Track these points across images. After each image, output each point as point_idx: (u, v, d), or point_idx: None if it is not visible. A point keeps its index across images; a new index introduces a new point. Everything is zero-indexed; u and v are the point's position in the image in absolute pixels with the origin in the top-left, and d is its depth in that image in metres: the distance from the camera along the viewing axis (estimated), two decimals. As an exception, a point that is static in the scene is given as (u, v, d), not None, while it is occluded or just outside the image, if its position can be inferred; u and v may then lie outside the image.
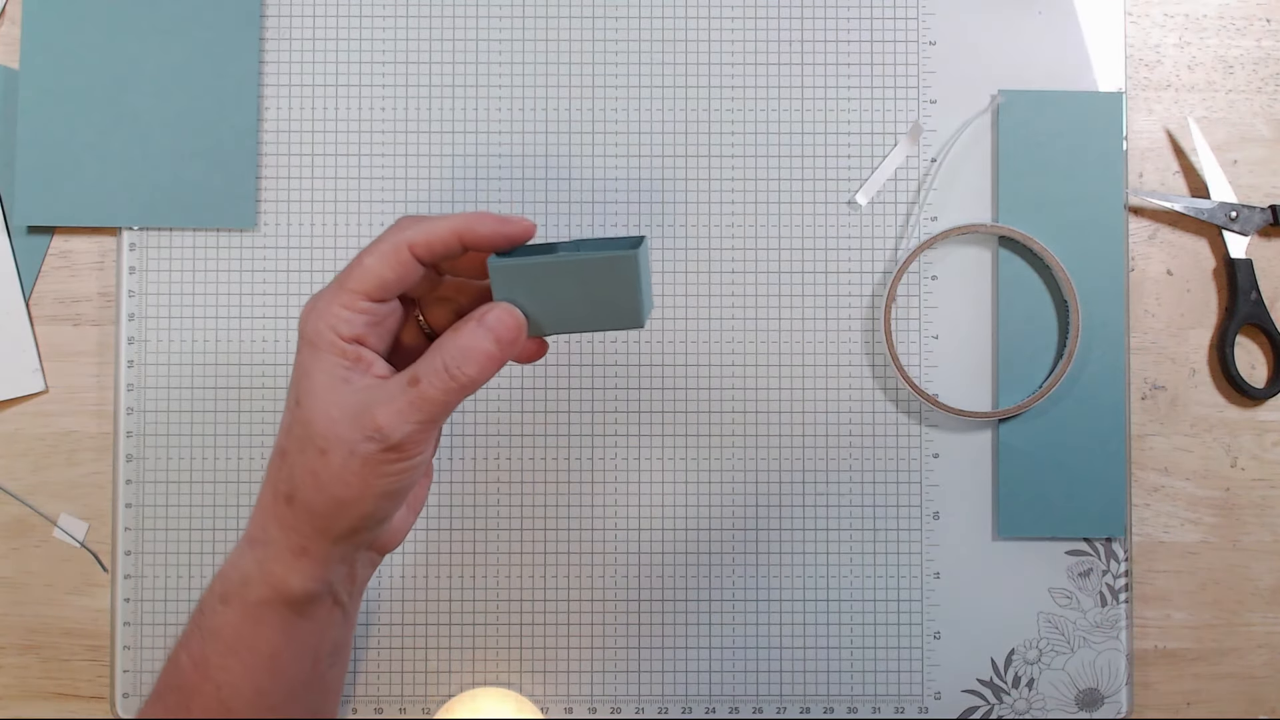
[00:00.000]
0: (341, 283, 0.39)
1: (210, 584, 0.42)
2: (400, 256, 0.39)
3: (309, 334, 0.39)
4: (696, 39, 0.57)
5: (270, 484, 0.40)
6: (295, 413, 0.39)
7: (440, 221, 0.39)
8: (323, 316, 0.39)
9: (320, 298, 0.39)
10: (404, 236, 0.39)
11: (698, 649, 0.55)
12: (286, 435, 0.40)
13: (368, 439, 0.38)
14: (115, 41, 0.56)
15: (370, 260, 0.39)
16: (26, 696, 0.55)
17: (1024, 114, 0.56)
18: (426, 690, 0.55)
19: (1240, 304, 0.56)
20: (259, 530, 0.41)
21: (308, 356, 0.39)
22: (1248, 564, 0.56)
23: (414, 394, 0.38)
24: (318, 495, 0.39)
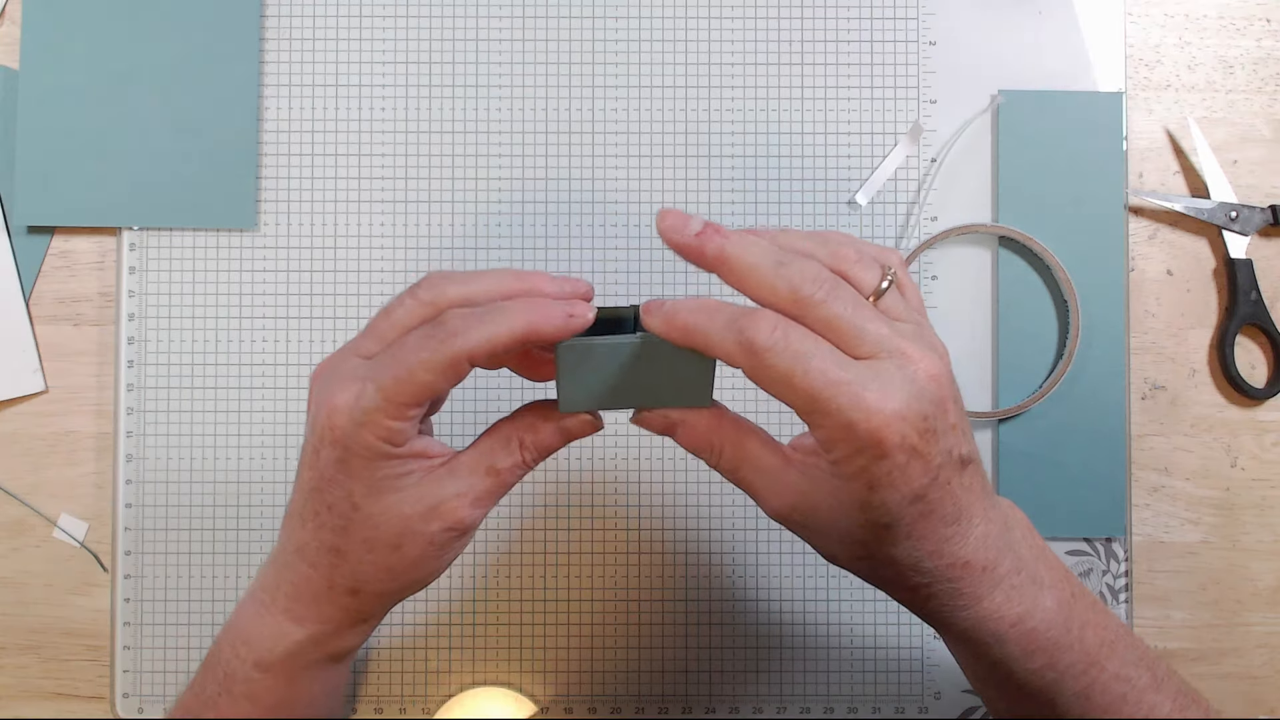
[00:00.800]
0: (389, 395, 0.35)
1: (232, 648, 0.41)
2: (458, 372, 0.35)
3: (359, 449, 0.36)
4: (696, 39, 0.57)
5: (323, 577, 0.38)
6: (353, 516, 0.37)
7: (501, 325, 0.35)
8: (373, 431, 0.35)
9: (362, 409, 0.35)
10: (463, 349, 0.35)
11: (698, 649, 0.55)
12: (341, 536, 0.37)
13: (447, 529, 0.38)
14: (115, 41, 0.56)
15: (425, 376, 0.35)
16: (26, 696, 0.55)
17: (1024, 114, 0.56)
18: (426, 690, 0.55)
19: (1240, 304, 0.56)
20: (310, 612, 0.39)
21: (359, 466, 0.36)
22: (1248, 564, 0.56)
23: (493, 483, 0.38)
24: (390, 583, 0.39)
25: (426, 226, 0.56)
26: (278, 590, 0.40)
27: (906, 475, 0.34)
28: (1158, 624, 0.56)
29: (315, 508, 0.38)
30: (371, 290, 0.56)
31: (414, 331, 0.36)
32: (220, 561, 0.55)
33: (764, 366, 0.33)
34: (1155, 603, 0.56)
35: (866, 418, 0.33)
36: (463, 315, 0.35)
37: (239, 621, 0.41)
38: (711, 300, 0.35)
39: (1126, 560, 0.56)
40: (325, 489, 0.37)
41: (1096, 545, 0.56)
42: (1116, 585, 0.56)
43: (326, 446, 0.36)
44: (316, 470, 0.37)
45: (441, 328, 0.35)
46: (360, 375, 0.36)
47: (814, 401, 0.33)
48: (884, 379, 0.33)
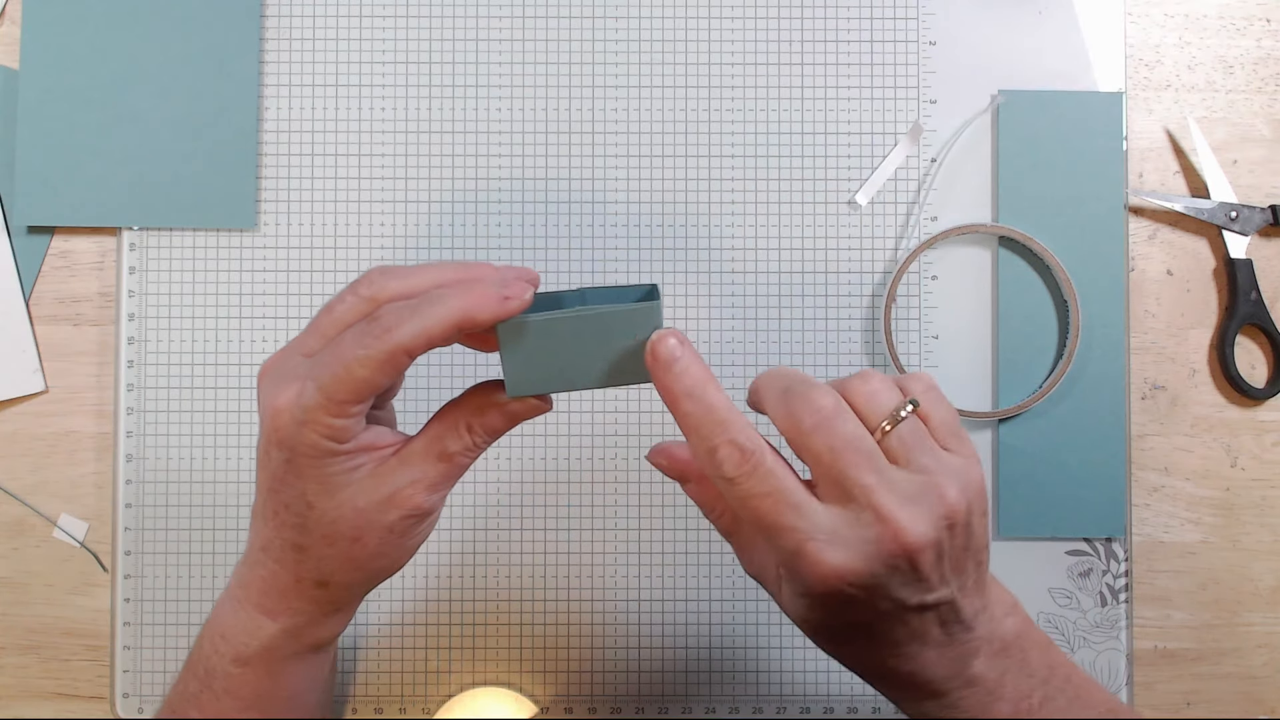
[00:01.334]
0: (328, 393, 0.35)
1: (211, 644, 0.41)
2: (395, 365, 0.35)
3: (304, 448, 0.36)
4: (696, 39, 0.57)
5: (289, 572, 0.39)
6: (309, 514, 0.37)
7: (433, 315, 0.35)
8: (315, 429, 0.35)
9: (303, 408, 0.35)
10: (399, 343, 0.34)
11: (698, 649, 0.55)
12: (300, 533, 0.38)
13: (405, 517, 0.38)
14: (115, 41, 0.56)
15: (361, 371, 0.35)
16: (26, 696, 0.55)
17: (1024, 114, 0.56)
18: (426, 690, 0.55)
19: (1240, 304, 0.56)
20: (280, 605, 0.39)
21: (307, 465, 0.36)
22: (1248, 564, 0.56)
23: (445, 467, 0.38)
24: (356, 574, 0.39)
25: (426, 226, 0.56)
26: (250, 586, 0.40)
27: (845, 610, 0.35)
28: (1158, 624, 0.56)
29: (274, 507, 0.38)
30: (371, 290, 0.56)
31: (352, 328, 0.36)
32: (220, 561, 0.55)
33: (731, 490, 0.35)
34: (1155, 603, 0.56)
35: (805, 566, 0.34)
36: (396, 309, 0.35)
37: (217, 618, 0.41)
38: (706, 393, 0.36)
39: (1126, 560, 0.56)
40: (279, 489, 0.37)
41: (1096, 545, 0.56)
42: (1116, 585, 0.56)
43: (274, 448, 0.36)
44: (269, 471, 0.37)
45: (376, 323, 0.35)
46: (300, 374, 0.36)
47: (766, 531, 0.35)
48: (840, 532, 0.34)
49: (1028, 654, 0.38)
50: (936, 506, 0.35)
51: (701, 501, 0.40)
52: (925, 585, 0.35)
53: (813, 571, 0.34)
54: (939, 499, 0.35)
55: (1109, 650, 0.55)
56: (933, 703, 0.38)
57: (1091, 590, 0.56)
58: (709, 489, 0.40)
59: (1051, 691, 0.38)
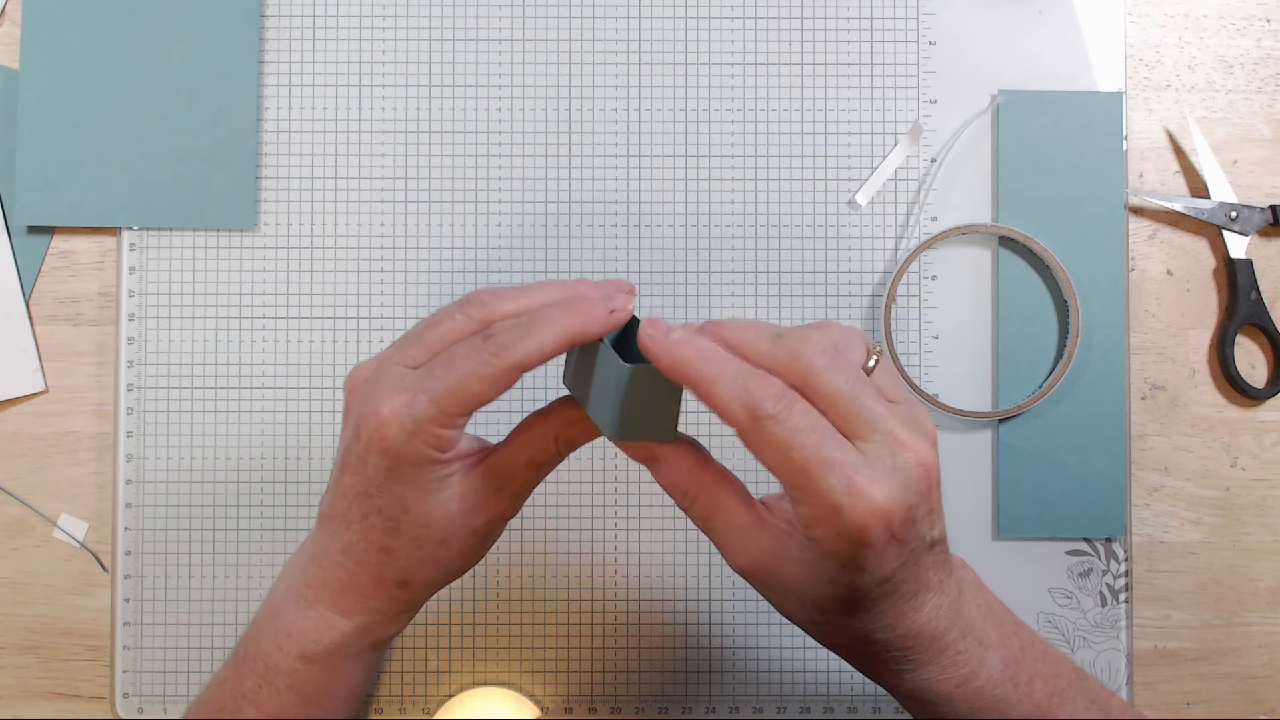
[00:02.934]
0: (441, 405, 0.36)
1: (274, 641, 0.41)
2: (510, 381, 0.36)
3: (408, 456, 0.36)
4: (696, 39, 0.57)
5: (371, 573, 0.39)
6: (404, 518, 0.38)
7: (547, 333, 0.35)
8: (423, 439, 0.36)
9: (414, 419, 0.36)
10: (514, 361, 0.35)
11: (698, 649, 0.55)
12: (391, 536, 0.38)
13: (490, 521, 0.39)
14: (115, 41, 0.56)
15: (477, 387, 0.35)
16: (26, 696, 0.55)
17: (1024, 114, 0.56)
18: (426, 690, 0.55)
19: (1240, 304, 0.56)
20: (357, 605, 0.40)
21: (409, 471, 0.37)
22: (1248, 564, 0.56)
23: (532, 476, 0.39)
24: (438, 574, 0.40)
25: (426, 226, 0.56)
26: (323, 587, 0.40)
27: (881, 560, 0.34)
28: (1158, 624, 0.56)
29: (363, 510, 0.38)
30: (371, 290, 0.56)
31: (463, 343, 0.37)
32: (220, 561, 0.55)
33: (763, 433, 0.33)
34: (1155, 603, 0.56)
35: (854, 504, 0.33)
36: (510, 327, 0.36)
37: (280, 617, 0.41)
38: (718, 349, 0.35)
39: (1126, 560, 0.56)
40: (374, 494, 0.38)
41: (1096, 545, 0.56)
42: (1116, 585, 0.56)
43: (375, 455, 0.37)
44: (363, 476, 0.37)
45: (493, 340, 0.36)
46: (409, 386, 0.36)
47: (805, 478, 0.33)
48: (875, 465, 0.33)
49: (993, 604, 0.40)
50: (929, 434, 0.36)
51: (674, 484, 0.38)
52: (934, 515, 0.35)
53: (863, 509, 0.33)
54: (926, 427, 0.36)
55: (1109, 650, 0.55)
56: (933, 666, 0.37)
57: (1091, 590, 0.56)
58: (681, 465, 0.38)
59: (1025, 643, 0.39)
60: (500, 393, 0.36)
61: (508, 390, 0.36)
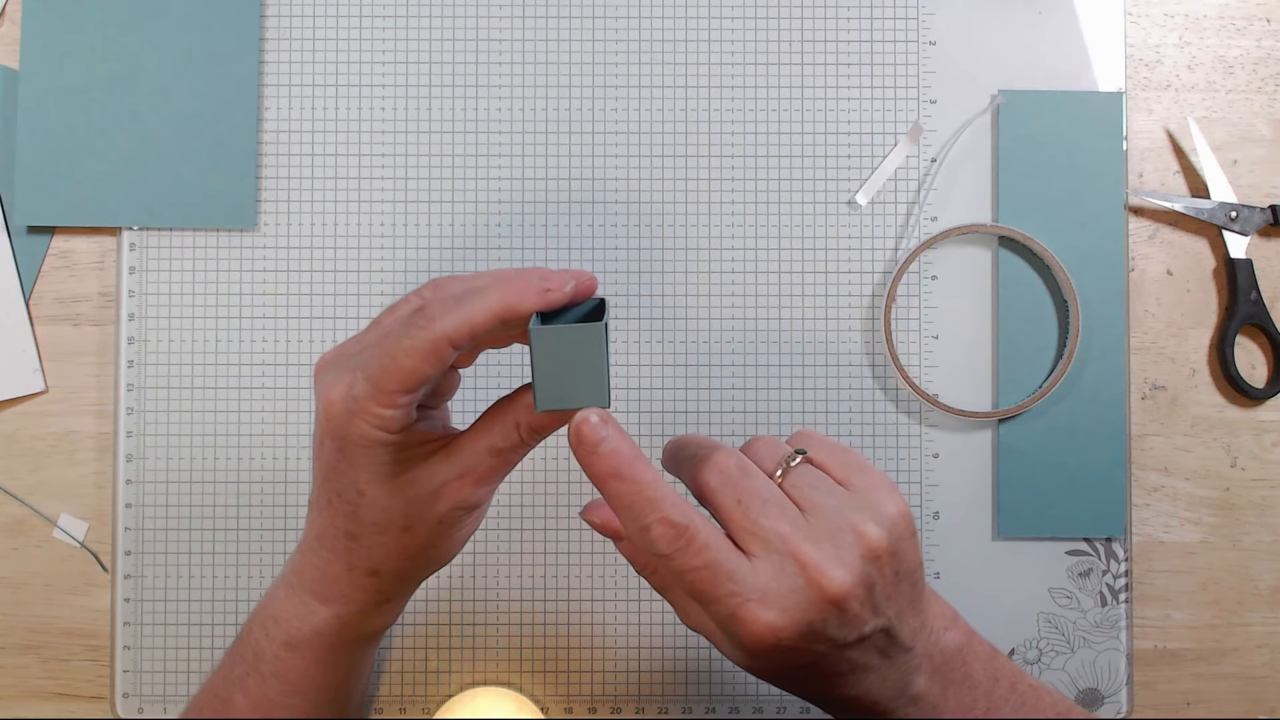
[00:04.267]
0: (376, 382, 0.36)
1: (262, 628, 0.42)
2: (439, 355, 0.36)
3: (354, 437, 0.37)
4: (696, 39, 0.57)
5: (342, 560, 0.40)
6: (360, 502, 0.38)
7: (476, 306, 0.36)
8: (365, 419, 0.36)
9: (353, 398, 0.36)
10: (441, 332, 0.35)
11: (698, 649, 0.55)
12: (352, 520, 0.38)
13: (454, 509, 0.39)
14: (115, 41, 0.55)
15: (407, 361, 0.36)
16: (26, 696, 0.55)
17: (1024, 114, 0.56)
18: (426, 690, 0.55)
19: (1240, 304, 0.56)
20: (333, 592, 0.40)
21: (359, 454, 0.37)
22: (1248, 564, 0.56)
23: (495, 463, 0.39)
24: (406, 563, 0.40)
25: (426, 226, 0.56)
26: (303, 573, 0.41)
27: (788, 658, 0.35)
28: (1158, 624, 0.56)
29: (327, 495, 0.39)
30: (371, 290, 0.56)
31: (398, 319, 0.37)
32: (220, 561, 0.55)
33: (662, 569, 0.37)
34: (1155, 603, 0.56)
35: (743, 629, 0.34)
36: (441, 300, 0.37)
37: (269, 603, 0.42)
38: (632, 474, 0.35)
39: (1126, 560, 0.56)
40: (332, 478, 0.38)
41: (1096, 545, 0.56)
42: (1116, 585, 0.56)
43: (327, 438, 0.38)
44: (322, 460, 0.38)
45: (421, 314, 0.36)
46: (352, 366, 0.37)
47: (702, 601, 0.35)
48: (769, 586, 0.34)
49: (970, 666, 0.39)
50: (855, 545, 0.35)
51: (634, 560, 0.40)
52: (858, 622, 0.35)
53: (749, 632, 0.34)
54: (856, 537, 0.35)
55: (1109, 650, 0.55)
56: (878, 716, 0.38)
57: (1091, 590, 0.56)
58: (640, 549, 0.39)
59: (996, 701, 0.39)
60: (435, 368, 0.36)
61: (441, 366, 0.36)
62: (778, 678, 0.37)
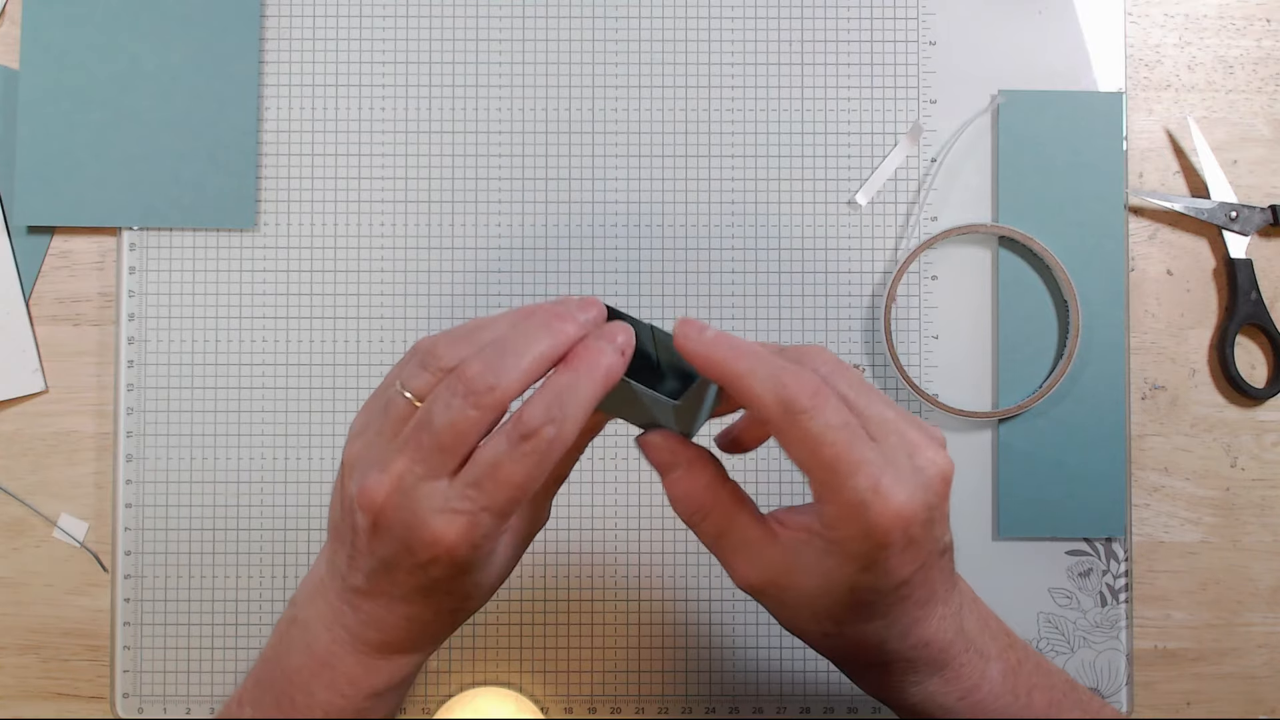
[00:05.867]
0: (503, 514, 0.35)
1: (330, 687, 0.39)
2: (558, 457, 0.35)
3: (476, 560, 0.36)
4: (696, 39, 0.57)
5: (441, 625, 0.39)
6: (475, 592, 0.38)
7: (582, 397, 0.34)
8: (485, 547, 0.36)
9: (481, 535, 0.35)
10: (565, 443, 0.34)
11: (698, 649, 0.55)
12: (462, 601, 0.38)
13: (529, 542, 0.40)
14: (115, 41, 0.56)
15: (533, 485, 0.35)
16: (26, 696, 0.55)
17: (1024, 114, 0.56)
18: (426, 690, 0.55)
19: (1240, 304, 0.56)
20: (428, 645, 0.40)
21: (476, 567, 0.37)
22: (1248, 564, 0.56)
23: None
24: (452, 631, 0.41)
25: (426, 226, 0.56)
26: (389, 646, 0.39)
27: (900, 563, 0.34)
28: (1158, 624, 0.56)
29: (428, 595, 0.37)
30: (371, 290, 0.56)
31: (499, 447, 0.34)
32: (220, 561, 0.55)
33: (796, 427, 0.33)
34: (1155, 603, 0.56)
35: (879, 503, 0.33)
36: (545, 416, 0.34)
37: (341, 668, 0.39)
38: (754, 344, 0.35)
39: (1126, 560, 0.56)
40: (442, 585, 0.37)
41: (1096, 545, 0.56)
42: (1116, 585, 0.56)
43: (443, 568, 0.35)
44: (426, 579, 0.36)
45: (537, 439, 0.34)
46: (465, 508, 0.34)
47: (833, 475, 0.33)
48: (897, 466, 0.33)
49: (988, 618, 0.40)
50: (940, 440, 0.35)
51: (690, 496, 0.37)
52: (946, 521, 0.35)
53: (887, 510, 0.33)
54: (937, 435, 0.36)
55: (1109, 650, 0.55)
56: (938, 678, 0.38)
57: (1091, 590, 0.56)
58: (701, 477, 0.37)
59: (1020, 655, 0.40)
60: None
61: None
62: (868, 615, 0.36)
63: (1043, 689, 0.39)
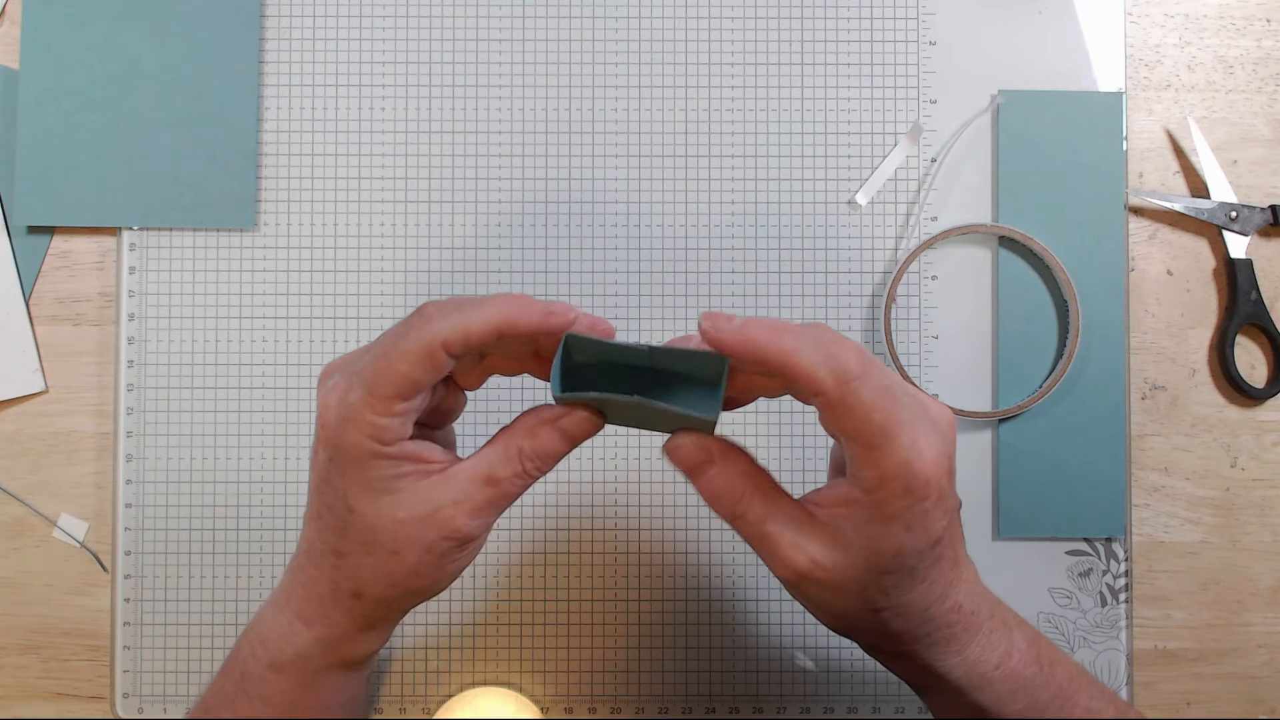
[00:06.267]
0: (370, 387, 0.35)
1: (250, 647, 0.41)
2: (434, 360, 0.35)
3: (347, 446, 0.36)
4: (696, 39, 0.57)
5: (327, 579, 0.39)
6: (349, 518, 0.37)
7: (474, 314, 0.35)
8: (358, 427, 0.36)
9: (347, 404, 0.36)
10: (436, 335, 0.35)
11: (698, 649, 0.55)
12: (340, 537, 0.37)
13: (445, 538, 0.37)
14: (115, 41, 0.56)
15: (401, 365, 0.35)
16: (26, 696, 0.55)
17: (1024, 114, 0.56)
18: (426, 690, 0.55)
19: (1240, 304, 0.56)
20: (316, 613, 0.39)
21: (350, 465, 0.36)
22: (1248, 564, 0.56)
23: (492, 493, 0.37)
24: (391, 589, 0.38)
25: (426, 226, 0.56)
26: (291, 591, 0.40)
27: (933, 517, 0.35)
28: (1158, 624, 0.56)
29: (318, 509, 0.38)
30: (371, 290, 0.56)
31: (396, 325, 0.37)
32: (220, 561, 0.55)
33: (850, 394, 0.34)
34: (1155, 603, 0.56)
35: (919, 457, 0.34)
36: (439, 305, 0.36)
37: (259, 622, 0.41)
38: (787, 321, 0.36)
39: (1126, 560, 0.56)
40: (324, 490, 0.37)
41: (1096, 545, 0.56)
42: (1116, 585, 0.56)
43: (321, 447, 0.37)
44: (315, 471, 0.38)
45: (418, 316, 0.36)
46: (346, 373, 0.37)
47: (885, 438, 0.34)
48: (921, 422, 0.35)
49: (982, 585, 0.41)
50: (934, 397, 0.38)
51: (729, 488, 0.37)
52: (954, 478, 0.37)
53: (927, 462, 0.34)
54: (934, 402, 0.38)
55: (1109, 650, 0.55)
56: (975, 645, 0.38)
57: (1091, 590, 0.56)
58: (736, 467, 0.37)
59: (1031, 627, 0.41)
60: (430, 375, 0.35)
61: (437, 373, 0.35)
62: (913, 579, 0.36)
63: (1063, 663, 0.40)
